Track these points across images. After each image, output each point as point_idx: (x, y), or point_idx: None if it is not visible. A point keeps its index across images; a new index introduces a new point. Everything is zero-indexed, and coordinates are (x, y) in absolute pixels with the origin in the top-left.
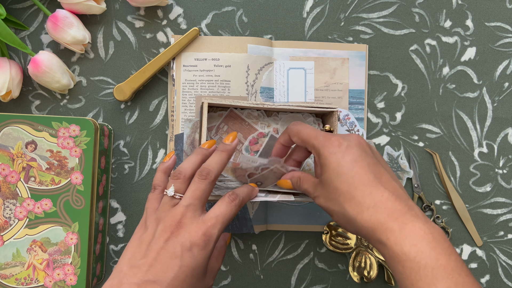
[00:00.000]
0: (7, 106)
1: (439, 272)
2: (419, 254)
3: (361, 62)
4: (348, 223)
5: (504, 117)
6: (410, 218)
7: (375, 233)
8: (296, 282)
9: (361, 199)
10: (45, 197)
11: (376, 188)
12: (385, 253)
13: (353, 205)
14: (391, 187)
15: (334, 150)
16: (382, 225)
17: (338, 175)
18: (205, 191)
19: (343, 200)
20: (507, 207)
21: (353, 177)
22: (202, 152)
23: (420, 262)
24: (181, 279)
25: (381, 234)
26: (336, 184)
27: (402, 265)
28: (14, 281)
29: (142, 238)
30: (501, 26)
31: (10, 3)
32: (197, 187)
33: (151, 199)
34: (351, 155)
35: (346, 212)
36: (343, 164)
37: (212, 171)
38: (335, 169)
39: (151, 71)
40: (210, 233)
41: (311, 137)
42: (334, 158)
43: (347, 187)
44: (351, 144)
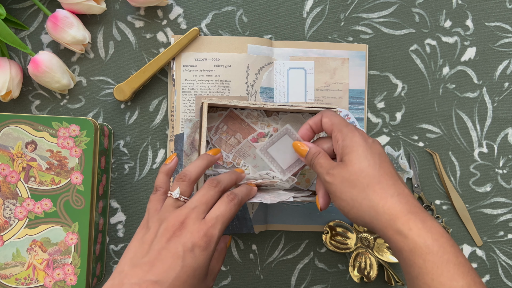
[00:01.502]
0: (7, 106)
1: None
2: (441, 249)
3: (361, 62)
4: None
5: (504, 117)
6: (428, 216)
7: (396, 222)
8: (296, 282)
9: (387, 186)
10: (45, 197)
11: (398, 182)
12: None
13: (378, 190)
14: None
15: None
16: (404, 215)
17: (365, 158)
18: (213, 198)
19: (368, 182)
20: (507, 207)
21: (380, 165)
22: (207, 158)
23: (443, 256)
24: (182, 279)
25: (403, 224)
26: (362, 165)
27: (423, 258)
28: (14, 281)
29: (144, 238)
30: (501, 26)
31: (10, 3)
32: (206, 192)
33: (153, 200)
34: (376, 149)
35: (368, 196)
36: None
37: (222, 182)
38: (363, 152)
39: (151, 71)
40: (211, 233)
41: (342, 124)
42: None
43: (374, 171)
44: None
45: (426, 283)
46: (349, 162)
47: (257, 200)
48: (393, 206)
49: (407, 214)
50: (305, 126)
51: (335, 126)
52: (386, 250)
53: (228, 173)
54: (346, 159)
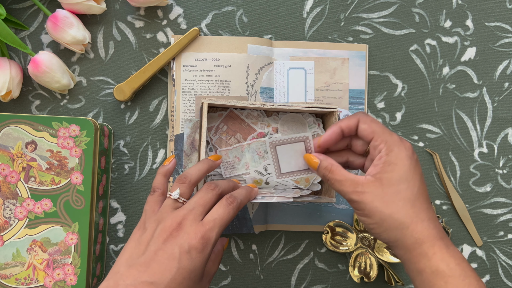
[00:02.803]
0: (7, 106)
1: None
2: (463, 272)
3: (361, 62)
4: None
5: (504, 117)
6: (450, 243)
7: (422, 245)
8: (296, 282)
9: (419, 210)
10: (45, 197)
11: (430, 208)
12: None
13: (412, 213)
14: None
15: (409, 156)
16: (431, 240)
17: (407, 180)
18: (211, 201)
19: (402, 205)
20: (507, 207)
21: (420, 187)
22: (209, 162)
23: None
24: (178, 281)
25: (429, 248)
26: (401, 187)
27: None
28: (14, 281)
29: (140, 239)
30: (501, 26)
31: (10, 3)
32: (204, 194)
33: (151, 202)
34: (419, 168)
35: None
36: (414, 172)
37: (220, 186)
38: (405, 173)
39: (151, 71)
40: (208, 236)
41: (385, 132)
42: (407, 163)
43: (411, 195)
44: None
45: None
46: (388, 181)
47: (257, 200)
48: (422, 231)
49: (433, 240)
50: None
51: (377, 135)
52: (386, 250)
53: (226, 180)
54: (385, 177)
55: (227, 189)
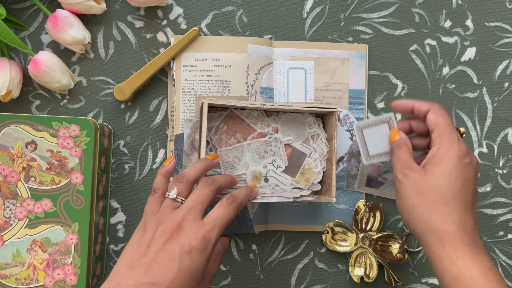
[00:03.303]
0: (7, 106)
1: None
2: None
3: (361, 62)
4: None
5: (504, 117)
6: (480, 250)
7: (446, 247)
8: (296, 282)
9: (454, 211)
10: (45, 197)
11: (466, 212)
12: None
13: (443, 211)
14: (475, 219)
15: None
16: (457, 243)
17: (448, 177)
18: (208, 197)
19: (436, 200)
20: (507, 207)
21: (460, 189)
22: (206, 162)
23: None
24: (179, 282)
25: (452, 251)
26: (441, 183)
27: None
28: (14, 281)
29: (141, 240)
30: (501, 26)
31: (10, 3)
32: (201, 192)
33: (151, 202)
34: (467, 173)
35: (429, 212)
36: (459, 173)
37: (217, 181)
38: (449, 171)
39: (151, 71)
40: (208, 236)
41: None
42: (455, 162)
43: (448, 193)
44: (471, 164)
45: None
46: (430, 173)
47: (257, 200)
48: (448, 232)
49: (459, 244)
50: (409, 102)
51: (438, 128)
52: (386, 250)
53: (223, 175)
54: (429, 169)
55: (224, 183)
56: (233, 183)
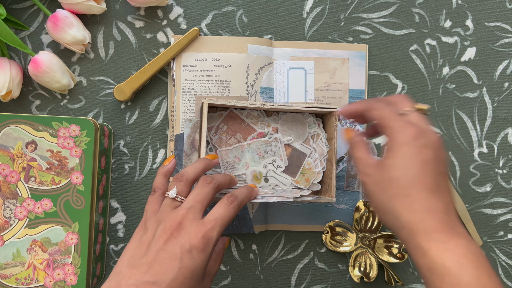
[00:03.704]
0: (7, 106)
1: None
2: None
3: (361, 62)
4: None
5: (504, 117)
6: (455, 235)
7: (417, 237)
8: (296, 282)
9: (415, 200)
10: (45, 197)
11: (433, 197)
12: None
13: (405, 203)
14: (447, 200)
15: (409, 142)
16: (426, 233)
17: (403, 167)
18: (208, 196)
19: (396, 193)
20: (507, 207)
21: (418, 177)
22: (205, 161)
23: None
24: (180, 281)
25: (423, 241)
26: (396, 174)
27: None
28: (14, 281)
29: (142, 239)
30: (501, 26)
31: (10, 3)
32: (201, 190)
33: (151, 202)
34: (424, 155)
35: (394, 206)
36: (413, 159)
37: (216, 179)
38: (402, 160)
39: (151, 71)
40: (209, 235)
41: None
42: (406, 149)
43: (406, 183)
44: (428, 144)
45: None
46: (386, 167)
47: (257, 200)
48: (417, 223)
49: (429, 232)
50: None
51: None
52: (386, 250)
53: (222, 174)
54: (384, 163)
55: (223, 182)
56: (232, 182)
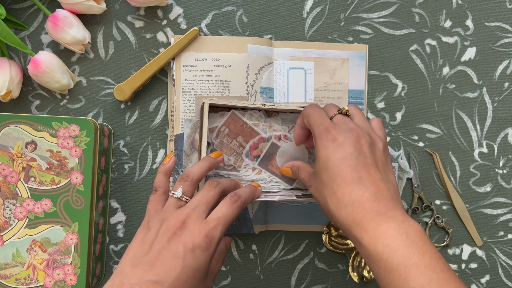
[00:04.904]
0: (7, 106)
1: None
2: (392, 253)
3: (361, 62)
4: (329, 215)
5: (504, 117)
6: (386, 219)
7: (351, 230)
8: (296, 282)
9: (341, 196)
10: (45, 197)
11: (357, 188)
12: (361, 251)
13: (334, 200)
14: (374, 188)
15: (327, 145)
16: (357, 224)
17: (325, 168)
18: (213, 198)
19: (326, 193)
20: (507, 207)
21: (338, 174)
22: (210, 160)
23: (392, 262)
24: (183, 280)
25: (356, 233)
26: (322, 177)
27: (377, 265)
28: (14, 281)
29: (144, 238)
30: (501, 26)
31: (10, 3)
32: (207, 193)
33: (153, 201)
34: (341, 153)
35: (328, 205)
36: (331, 159)
37: (222, 183)
38: (324, 163)
39: (151, 71)
40: (212, 234)
41: (316, 124)
42: (325, 152)
43: (330, 182)
44: (346, 141)
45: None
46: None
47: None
48: (346, 217)
49: (360, 223)
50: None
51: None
52: None
53: (228, 178)
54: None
55: (229, 186)
56: (237, 187)
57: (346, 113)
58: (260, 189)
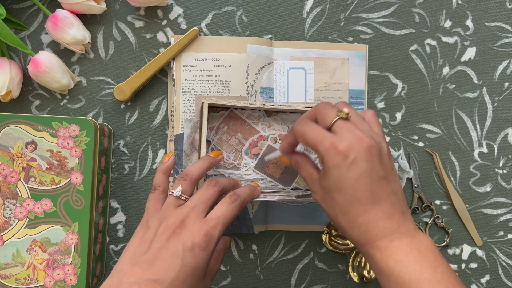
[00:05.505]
0: (7, 106)
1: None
2: (403, 269)
3: (361, 62)
4: (339, 229)
5: (504, 117)
6: (398, 236)
7: (364, 247)
8: (296, 282)
9: (355, 216)
10: (45, 197)
11: (372, 207)
12: (372, 266)
13: (346, 220)
14: (387, 205)
15: (339, 163)
16: (369, 242)
17: (338, 188)
18: (212, 197)
19: (338, 211)
20: (507, 207)
21: (352, 194)
22: (209, 159)
23: (404, 276)
24: (181, 279)
25: (368, 249)
26: (334, 195)
27: (387, 279)
28: (14, 281)
29: (143, 237)
30: (501, 26)
31: (10, 3)
32: (206, 191)
33: (152, 200)
34: (355, 171)
35: (339, 222)
36: (344, 180)
37: (221, 182)
38: (336, 182)
39: (151, 71)
40: (211, 234)
41: (316, 142)
42: (337, 171)
43: (343, 202)
44: (358, 156)
45: None
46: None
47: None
48: (359, 235)
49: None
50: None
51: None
52: None
53: (227, 177)
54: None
55: (228, 186)
56: (236, 186)
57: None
58: (259, 189)
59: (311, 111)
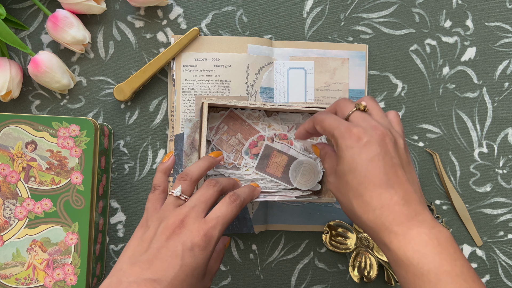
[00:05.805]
0: (7, 106)
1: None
2: (422, 259)
3: (361, 62)
4: (354, 217)
5: (504, 117)
6: (416, 224)
7: (378, 234)
8: (296, 282)
9: (369, 199)
10: (45, 197)
11: (386, 191)
12: (389, 256)
13: (360, 203)
14: (403, 191)
15: (352, 144)
16: (386, 228)
17: (351, 170)
18: (212, 197)
19: (352, 196)
20: (507, 207)
21: (365, 176)
22: (209, 159)
23: (423, 267)
24: (181, 278)
25: (384, 236)
26: (347, 178)
27: (405, 270)
28: (14, 281)
29: (143, 236)
30: (501, 26)
31: (10, 3)
32: (206, 191)
33: (152, 199)
34: (368, 153)
35: (353, 208)
36: (357, 160)
37: (221, 182)
38: (349, 164)
39: (151, 71)
40: (211, 233)
41: (332, 127)
42: (350, 152)
43: (357, 184)
44: (371, 140)
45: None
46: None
47: (259, 199)
48: (375, 220)
49: (389, 227)
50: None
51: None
52: None
53: (227, 177)
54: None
55: (227, 186)
56: (236, 186)
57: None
58: (259, 189)
59: (331, 105)
